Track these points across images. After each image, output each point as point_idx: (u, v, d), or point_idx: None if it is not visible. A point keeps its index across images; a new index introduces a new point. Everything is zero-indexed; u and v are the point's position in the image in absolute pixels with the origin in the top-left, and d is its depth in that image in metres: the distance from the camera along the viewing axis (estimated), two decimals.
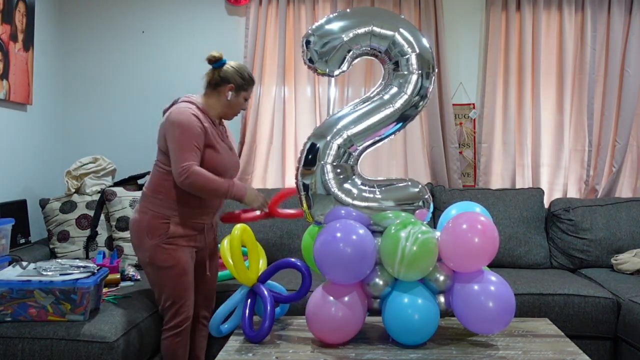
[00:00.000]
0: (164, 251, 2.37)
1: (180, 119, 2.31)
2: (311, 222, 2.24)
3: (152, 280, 2.44)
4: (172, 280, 2.39)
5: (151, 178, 2.45)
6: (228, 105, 2.47)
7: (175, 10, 3.80)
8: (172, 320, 2.42)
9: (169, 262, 2.37)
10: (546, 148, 3.78)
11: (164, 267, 2.37)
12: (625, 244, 3.36)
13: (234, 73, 2.44)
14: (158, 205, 2.38)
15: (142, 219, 2.39)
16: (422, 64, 2.15)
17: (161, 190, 2.38)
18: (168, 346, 2.43)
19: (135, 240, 2.43)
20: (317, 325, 2.07)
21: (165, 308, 2.42)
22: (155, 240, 2.36)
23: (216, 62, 2.44)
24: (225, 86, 2.44)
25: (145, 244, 2.38)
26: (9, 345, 2.17)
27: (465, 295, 2.03)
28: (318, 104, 3.77)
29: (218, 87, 2.44)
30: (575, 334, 2.74)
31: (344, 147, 2.13)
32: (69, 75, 3.80)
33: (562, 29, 3.71)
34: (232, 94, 2.45)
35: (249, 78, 2.49)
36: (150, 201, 2.40)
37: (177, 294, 2.40)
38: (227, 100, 2.45)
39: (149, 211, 2.39)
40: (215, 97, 2.46)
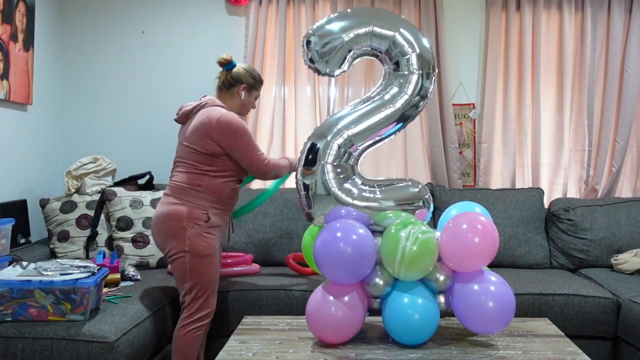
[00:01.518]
0: (205, 239, 2.44)
1: (237, 124, 2.46)
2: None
3: (186, 269, 2.43)
4: (210, 268, 2.46)
5: (183, 175, 2.49)
6: (242, 104, 2.62)
7: (175, 10, 3.80)
8: (198, 312, 2.44)
9: (210, 250, 2.46)
10: (546, 148, 3.78)
11: (205, 254, 2.44)
12: (625, 244, 3.36)
13: (245, 74, 2.60)
14: (196, 197, 2.46)
15: (181, 209, 2.44)
16: (423, 64, 2.15)
17: (200, 184, 2.46)
18: (186, 340, 2.43)
19: (173, 230, 2.43)
20: (317, 325, 2.07)
21: (195, 299, 2.44)
22: (196, 228, 2.43)
23: (227, 64, 2.59)
24: (239, 86, 2.59)
25: (185, 233, 2.42)
26: (9, 345, 2.17)
27: (465, 295, 2.03)
28: (318, 104, 3.77)
29: (232, 88, 2.59)
30: (575, 334, 2.74)
31: (344, 147, 2.13)
32: (69, 75, 3.80)
33: (562, 29, 3.71)
34: (245, 93, 2.61)
35: (259, 78, 2.67)
36: (188, 193, 2.46)
37: (211, 283, 2.47)
38: (241, 100, 2.61)
39: (188, 203, 2.45)
40: (229, 98, 2.60)
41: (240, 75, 2.58)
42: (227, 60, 2.58)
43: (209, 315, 2.49)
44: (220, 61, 2.59)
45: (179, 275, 2.47)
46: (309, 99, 3.77)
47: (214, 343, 2.78)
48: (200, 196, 2.46)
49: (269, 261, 3.35)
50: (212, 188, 2.48)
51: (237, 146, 2.46)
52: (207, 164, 2.47)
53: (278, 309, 2.83)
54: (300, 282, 2.97)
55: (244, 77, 2.59)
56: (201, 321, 2.46)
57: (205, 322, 2.48)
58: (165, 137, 3.54)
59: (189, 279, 2.44)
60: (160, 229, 2.48)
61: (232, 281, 2.97)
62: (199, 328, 2.45)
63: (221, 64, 2.59)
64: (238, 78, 2.58)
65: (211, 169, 2.48)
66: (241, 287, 2.90)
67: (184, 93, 3.78)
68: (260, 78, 2.66)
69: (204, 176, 2.47)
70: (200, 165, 2.48)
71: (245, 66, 2.63)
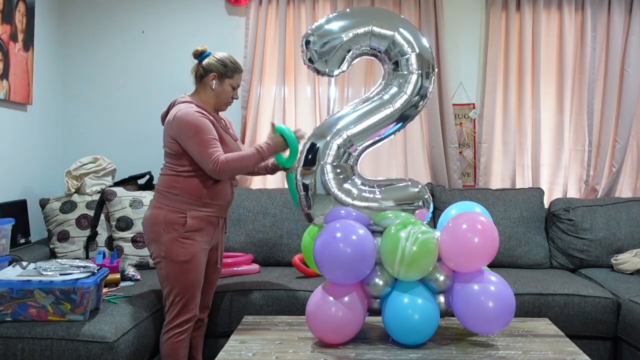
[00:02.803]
0: (181, 245, 2.38)
1: (189, 119, 2.35)
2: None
3: (164, 275, 2.42)
4: (186, 275, 2.40)
5: (162, 178, 2.47)
6: (215, 95, 2.50)
7: (175, 10, 3.80)
8: (177, 317, 2.41)
9: (186, 256, 2.39)
10: (546, 148, 3.78)
11: (180, 261, 2.38)
12: (625, 244, 3.36)
13: (215, 62, 2.47)
14: (173, 200, 2.40)
15: (158, 214, 2.41)
16: (422, 64, 2.15)
17: (175, 185, 2.41)
18: (170, 345, 2.41)
19: (151, 235, 2.42)
20: (317, 325, 2.07)
21: (173, 304, 2.41)
22: (172, 233, 2.38)
23: (199, 55, 2.49)
24: (209, 76, 2.47)
25: (161, 238, 2.38)
26: (9, 345, 2.18)
27: (465, 295, 2.03)
28: (318, 104, 3.77)
29: (203, 79, 2.49)
30: (575, 334, 2.74)
31: (344, 147, 2.13)
32: (69, 75, 3.80)
33: (562, 29, 3.71)
34: (216, 82, 2.48)
35: (232, 65, 2.50)
36: (165, 197, 2.42)
37: (188, 290, 2.41)
38: (212, 90, 2.48)
39: (165, 206, 2.41)
40: (203, 90, 2.50)
41: (211, 64, 2.47)
42: (199, 51, 2.49)
43: (189, 321, 2.44)
44: (193, 53, 2.50)
45: (159, 279, 2.47)
46: (309, 99, 3.77)
47: (214, 343, 2.79)
48: (176, 199, 2.40)
49: (269, 261, 3.35)
50: (188, 189, 2.40)
51: (189, 143, 2.35)
52: (178, 164, 2.41)
53: (278, 309, 2.83)
54: (300, 282, 2.97)
55: (214, 65, 2.46)
56: (182, 326, 2.42)
57: (186, 327, 2.43)
58: None
59: (167, 285, 2.42)
60: (144, 232, 2.50)
61: (232, 281, 2.97)
62: (180, 333, 2.42)
63: (195, 55, 2.50)
64: (208, 68, 2.46)
65: (184, 169, 2.40)
66: (241, 287, 2.90)
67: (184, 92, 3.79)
68: (234, 65, 2.50)
69: (178, 177, 2.41)
70: (174, 166, 2.43)
71: (218, 55, 2.50)
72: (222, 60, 2.48)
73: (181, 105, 2.42)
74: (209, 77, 2.47)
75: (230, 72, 2.50)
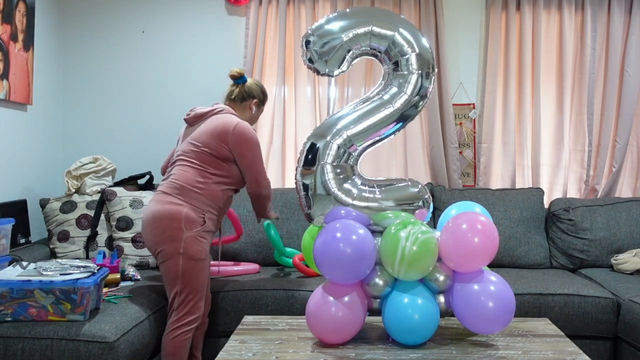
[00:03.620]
0: (199, 243, 2.44)
1: (253, 135, 2.54)
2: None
3: (177, 272, 2.41)
4: (200, 273, 2.45)
5: (186, 175, 2.48)
6: (251, 117, 2.72)
7: (175, 10, 3.80)
8: (187, 316, 2.43)
9: (202, 255, 2.46)
10: (546, 148, 3.78)
11: (197, 258, 2.43)
12: (625, 244, 3.36)
13: (257, 89, 2.72)
14: (196, 199, 2.46)
15: (180, 210, 2.42)
16: (422, 64, 2.15)
17: (201, 186, 2.47)
18: (175, 344, 2.42)
19: (168, 231, 2.41)
20: (317, 325, 2.07)
21: (184, 302, 2.43)
22: (192, 232, 2.42)
23: (239, 78, 2.68)
24: (250, 101, 2.69)
25: (180, 235, 2.40)
26: (9, 345, 2.17)
27: (465, 295, 2.03)
28: (318, 104, 3.77)
29: (244, 102, 2.69)
30: (575, 334, 2.74)
31: (344, 147, 2.13)
32: (69, 75, 3.80)
33: (562, 29, 3.71)
34: (255, 108, 2.72)
35: (266, 94, 2.79)
36: (188, 194, 2.45)
37: (200, 288, 2.46)
38: (252, 113, 2.71)
39: (186, 204, 2.44)
40: (240, 110, 2.68)
41: (253, 90, 2.69)
42: (240, 74, 2.68)
43: (197, 320, 2.47)
44: (233, 74, 2.67)
45: (169, 277, 2.44)
46: (309, 99, 3.77)
47: (214, 343, 2.79)
48: (199, 199, 2.46)
49: (269, 261, 3.35)
50: (211, 192, 2.49)
51: (247, 155, 2.51)
52: (214, 166, 2.50)
53: (278, 309, 2.83)
54: (300, 282, 2.97)
55: (256, 92, 2.70)
56: (190, 325, 2.44)
57: (193, 325, 2.46)
58: (165, 137, 3.55)
59: (180, 282, 2.42)
60: (154, 228, 2.44)
61: (232, 281, 2.97)
62: (187, 332, 2.44)
63: (234, 77, 2.67)
64: (251, 93, 2.68)
65: (216, 172, 2.50)
66: (241, 287, 2.91)
67: (184, 93, 3.80)
68: (267, 94, 2.78)
69: (207, 179, 2.49)
70: (207, 167, 2.49)
71: (255, 81, 2.74)
72: (262, 88, 2.75)
73: (235, 117, 2.57)
74: (250, 101, 2.69)
75: (266, 100, 2.78)
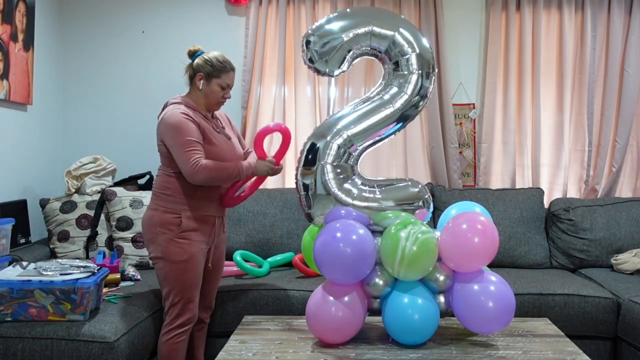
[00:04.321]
0: (177, 245, 2.38)
1: (171, 121, 2.35)
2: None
3: (162, 275, 2.42)
4: (184, 275, 2.39)
5: (156, 179, 2.49)
6: (204, 95, 2.48)
7: (175, 10, 3.80)
8: (177, 318, 2.41)
9: (182, 256, 2.38)
10: (546, 148, 3.78)
11: (176, 261, 2.38)
12: (625, 244, 3.36)
13: (202, 62, 2.45)
14: (167, 201, 2.41)
15: (154, 215, 2.42)
16: (422, 64, 2.15)
17: (168, 186, 2.42)
18: (169, 346, 2.41)
19: (148, 236, 2.43)
20: (317, 325, 2.07)
21: (173, 305, 2.41)
22: (168, 234, 2.38)
23: (192, 55, 2.49)
24: (196, 77, 2.47)
25: (158, 238, 2.39)
26: (9, 345, 2.18)
27: (465, 295, 2.03)
28: (318, 104, 3.77)
29: (193, 79, 2.49)
30: (575, 334, 2.74)
31: (344, 147, 2.13)
32: (69, 75, 3.80)
33: (562, 29, 3.71)
34: (203, 82, 2.46)
35: (220, 64, 2.46)
36: (159, 198, 2.43)
37: (187, 290, 2.41)
38: (200, 90, 2.47)
39: (160, 207, 2.42)
40: (194, 90, 2.49)
41: (199, 64, 2.45)
42: (192, 51, 2.49)
43: (190, 321, 2.44)
44: (187, 53, 2.51)
45: (158, 280, 2.47)
46: (309, 99, 3.77)
47: (214, 343, 2.79)
48: (170, 200, 2.41)
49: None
50: (180, 190, 2.40)
51: (171, 143, 2.36)
52: (168, 164, 2.43)
53: (278, 309, 2.83)
54: (300, 282, 2.97)
55: (201, 66, 2.44)
56: (181, 328, 2.41)
57: (186, 327, 2.43)
58: None
59: (166, 285, 2.42)
60: (143, 233, 2.50)
61: (232, 281, 2.97)
62: (180, 334, 2.42)
63: (189, 55, 2.50)
64: (197, 68, 2.45)
65: (175, 170, 2.40)
66: (241, 287, 2.90)
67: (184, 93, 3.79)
68: (221, 65, 2.46)
69: (170, 178, 2.42)
70: (166, 168, 2.45)
71: (207, 55, 2.47)
72: (210, 60, 2.45)
73: (170, 107, 2.43)
74: (197, 78, 2.46)
75: (217, 71, 2.46)
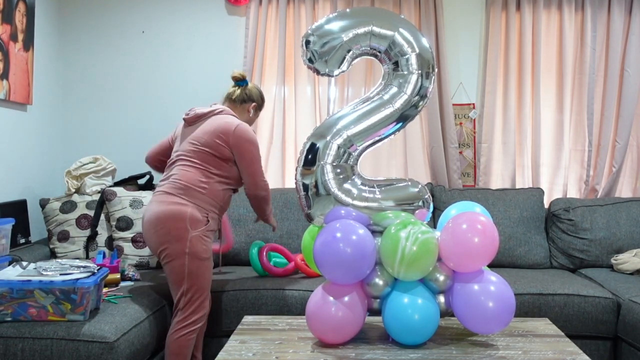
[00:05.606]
0: (204, 242, 2.47)
1: (252, 136, 2.58)
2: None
3: (182, 272, 2.43)
4: (205, 272, 2.49)
5: (188, 174, 2.51)
6: (248, 120, 2.74)
7: (176, 10, 3.80)
8: (193, 314, 2.45)
9: (207, 254, 2.49)
10: (546, 148, 3.78)
11: (202, 257, 2.46)
12: (625, 244, 3.36)
13: (257, 93, 2.77)
14: (200, 199, 2.49)
15: (184, 210, 2.45)
16: (422, 64, 2.15)
17: (205, 186, 2.50)
18: (181, 343, 2.43)
19: (174, 231, 2.43)
20: (317, 325, 2.07)
21: (191, 302, 2.45)
22: (197, 231, 2.44)
23: (241, 80, 2.74)
24: (250, 104, 2.73)
25: (186, 235, 2.43)
26: (9, 345, 2.17)
27: (465, 295, 2.03)
28: (318, 104, 3.77)
29: (244, 104, 2.73)
30: (575, 334, 2.74)
31: (344, 147, 2.13)
32: (69, 75, 3.80)
33: (562, 29, 3.71)
34: (253, 111, 2.76)
35: (264, 100, 2.83)
36: (192, 194, 2.48)
37: (206, 287, 2.51)
38: (249, 116, 2.75)
39: (190, 203, 2.47)
40: (239, 112, 2.71)
41: (253, 94, 2.73)
42: (243, 77, 2.74)
43: (203, 318, 2.50)
44: (236, 76, 2.73)
45: (175, 277, 2.46)
46: (309, 99, 3.77)
47: (214, 343, 2.79)
48: (203, 198, 2.50)
49: None
50: (214, 192, 2.53)
51: (246, 155, 2.55)
52: (215, 166, 2.53)
53: (278, 309, 2.83)
54: (300, 282, 2.97)
55: (256, 96, 2.75)
56: (196, 324, 2.46)
57: (199, 325, 2.48)
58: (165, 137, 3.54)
59: (186, 282, 2.44)
60: (160, 228, 2.44)
61: (232, 281, 2.97)
62: (193, 331, 2.46)
63: (237, 79, 2.73)
64: (251, 96, 2.72)
65: (217, 172, 2.54)
66: (241, 287, 2.91)
67: (184, 93, 3.80)
68: (264, 100, 2.82)
69: (210, 179, 2.52)
70: (209, 167, 2.53)
71: (256, 86, 2.79)
72: (261, 93, 2.80)
73: (235, 118, 2.60)
74: (250, 104, 2.73)
75: (263, 105, 2.82)
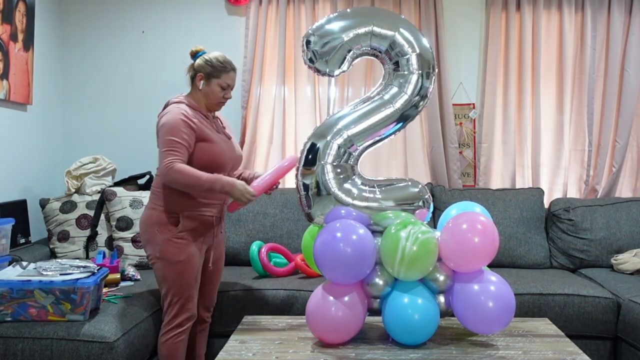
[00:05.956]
0: (175, 245, 2.37)
1: (164, 120, 2.36)
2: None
3: (160, 275, 2.41)
4: (182, 275, 2.39)
5: (156, 178, 2.47)
6: (204, 95, 2.48)
7: (175, 10, 3.80)
8: (176, 318, 2.40)
9: (180, 257, 2.37)
10: (546, 148, 3.78)
11: (174, 261, 2.37)
12: (625, 244, 3.36)
13: (203, 62, 2.46)
14: (166, 201, 2.40)
15: (152, 214, 2.41)
16: (422, 64, 2.15)
17: (166, 186, 2.39)
18: (169, 346, 2.40)
19: (146, 236, 2.42)
20: (317, 325, 2.07)
21: (171, 305, 2.40)
22: (166, 234, 2.37)
23: (194, 55, 2.50)
24: (198, 77, 2.47)
25: (156, 238, 2.38)
26: (9, 345, 2.18)
27: (465, 295, 2.03)
28: (318, 104, 3.77)
29: (193, 80, 2.49)
30: (575, 334, 2.74)
31: (344, 147, 2.14)
32: (69, 75, 3.80)
33: (562, 29, 3.71)
34: (203, 82, 2.46)
35: (220, 65, 2.47)
36: (158, 197, 2.42)
37: (185, 290, 2.40)
38: (200, 90, 2.47)
39: (158, 207, 2.41)
40: (194, 91, 2.50)
41: (199, 65, 2.46)
42: (194, 52, 2.50)
43: (188, 320, 2.43)
44: (190, 53, 2.51)
45: (157, 281, 2.46)
46: (309, 99, 3.77)
47: (214, 343, 2.79)
48: (169, 200, 2.39)
49: None
50: (176, 190, 2.37)
51: (159, 140, 2.36)
52: None
53: (278, 309, 2.83)
54: (300, 282, 2.97)
55: (202, 66, 2.45)
56: (181, 327, 2.41)
57: (185, 327, 2.42)
58: None
59: (164, 285, 2.41)
60: (140, 234, 2.49)
61: (231, 281, 2.97)
62: (180, 334, 2.41)
63: (191, 55, 2.51)
64: (197, 68, 2.46)
65: None
66: (241, 287, 2.91)
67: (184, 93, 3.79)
68: (221, 65, 2.46)
69: None
70: None
71: (208, 55, 2.48)
72: (210, 60, 2.46)
73: (170, 107, 2.43)
74: (197, 77, 2.47)
75: (217, 72, 2.46)
